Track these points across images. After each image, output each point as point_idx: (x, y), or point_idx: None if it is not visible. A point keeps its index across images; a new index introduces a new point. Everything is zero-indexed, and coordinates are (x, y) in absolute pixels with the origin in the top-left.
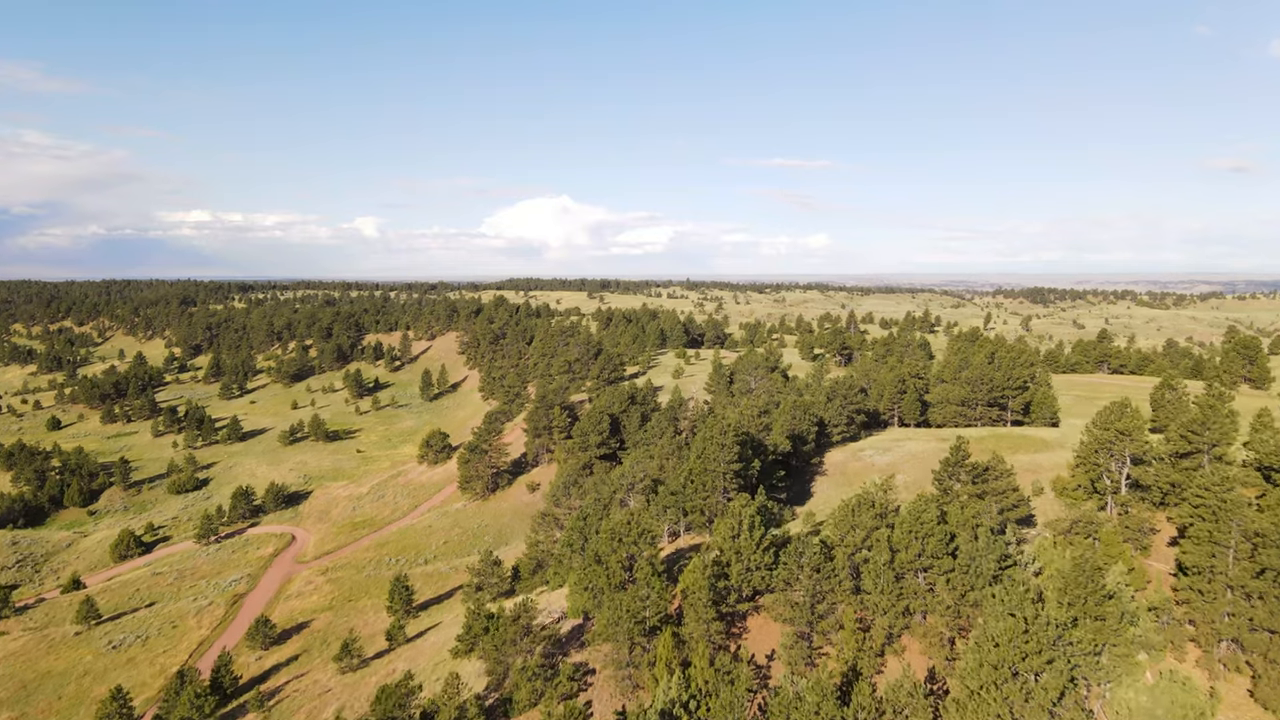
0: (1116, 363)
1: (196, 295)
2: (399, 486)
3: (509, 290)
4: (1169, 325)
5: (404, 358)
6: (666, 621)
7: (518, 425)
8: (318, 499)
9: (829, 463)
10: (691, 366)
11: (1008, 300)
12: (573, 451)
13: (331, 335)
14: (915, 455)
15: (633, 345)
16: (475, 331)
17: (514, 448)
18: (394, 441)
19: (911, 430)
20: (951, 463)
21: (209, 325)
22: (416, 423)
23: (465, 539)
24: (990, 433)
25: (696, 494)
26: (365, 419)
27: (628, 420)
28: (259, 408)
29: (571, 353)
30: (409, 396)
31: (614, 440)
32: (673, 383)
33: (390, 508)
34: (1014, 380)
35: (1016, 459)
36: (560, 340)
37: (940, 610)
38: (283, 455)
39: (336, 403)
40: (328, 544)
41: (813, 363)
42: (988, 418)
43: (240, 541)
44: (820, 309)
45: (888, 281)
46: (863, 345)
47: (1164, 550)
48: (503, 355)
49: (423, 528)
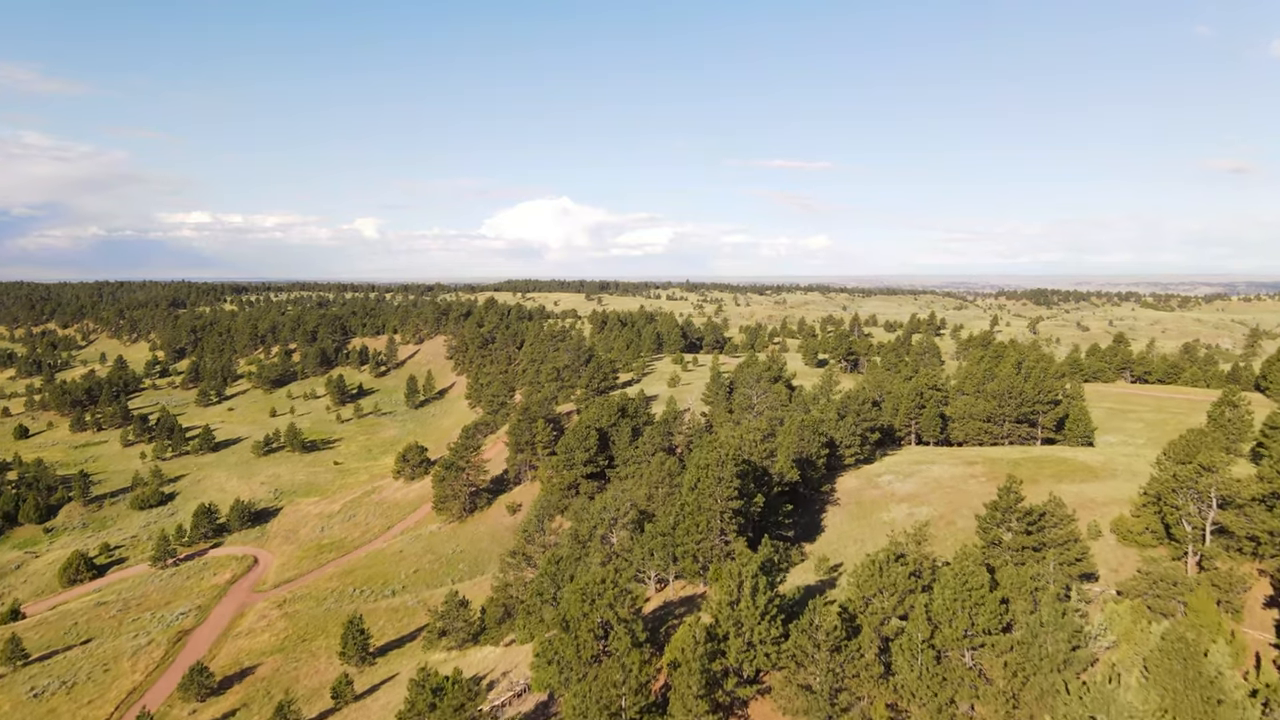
0: (1140, 369)
1: (187, 297)
2: (372, 505)
3: (506, 292)
4: (1174, 327)
5: (390, 362)
6: (649, 711)
7: (501, 438)
8: (287, 517)
9: (841, 490)
10: (688, 373)
11: (1010, 302)
12: (557, 470)
13: (316, 339)
14: (941, 483)
15: (626, 351)
16: (463, 335)
17: (495, 463)
18: (374, 452)
19: (932, 450)
20: (1001, 508)
21: (194, 328)
22: (399, 432)
23: (438, 567)
24: (1023, 454)
25: (689, 536)
26: (346, 428)
27: (617, 435)
28: (237, 415)
29: (561, 358)
30: (393, 404)
31: (602, 458)
32: (668, 392)
33: (361, 529)
34: (1045, 393)
35: (1062, 490)
36: (550, 345)
37: (995, 701)
38: (255, 467)
39: (317, 410)
40: (290, 569)
41: (817, 369)
42: (1016, 435)
43: (198, 565)
44: (821, 311)
45: (888, 283)
46: (869, 350)
47: (1259, 613)
48: (491, 360)
49: (393, 553)
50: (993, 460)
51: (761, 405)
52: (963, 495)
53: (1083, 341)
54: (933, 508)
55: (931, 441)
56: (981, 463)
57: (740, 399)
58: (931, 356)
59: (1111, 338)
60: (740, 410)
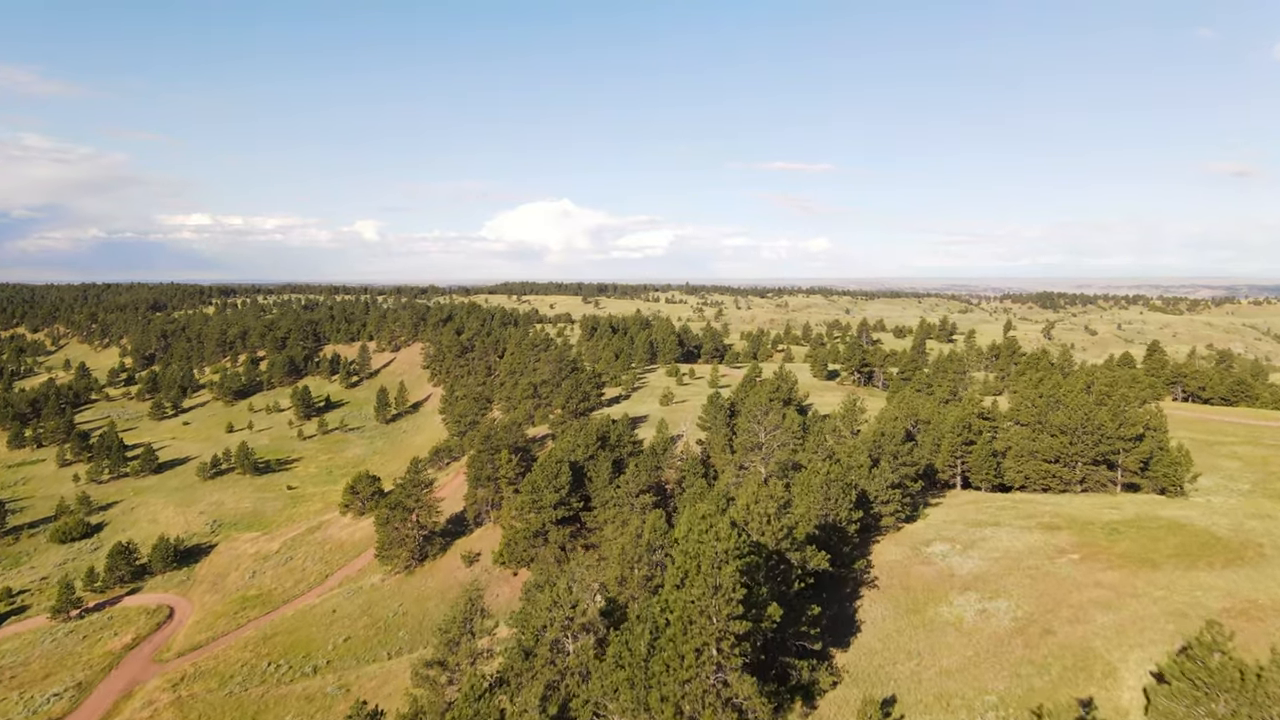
0: (1193, 385)
1: (170, 299)
2: (314, 545)
3: (502, 294)
4: (1184, 331)
5: (363, 372)
6: None
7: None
8: (220, 556)
9: (881, 565)
10: (684, 387)
11: (1016, 305)
12: (521, 512)
13: (285, 346)
14: (1017, 559)
15: (615, 363)
16: (440, 343)
17: (456, 498)
18: (334, 475)
19: (988, 501)
20: (1207, 683)
21: (164, 333)
22: (365, 450)
23: (373, 634)
24: (1114, 513)
25: (670, 674)
26: (307, 445)
27: (595, 470)
28: (191, 430)
29: (541, 371)
30: (362, 418)
31: (576, 498)
32: (659, 412)
33: (296, 576)
34: (1129, 426)
35: (1201, 582)
36: (532, 355)
37: None
38: (198, 493)
39: (279, 425)
40: (204, 629)
41: (827, 382)
42: (1092, 479)
43: (103, 619)
44: (824, 314)
45: (889, 285)
46: (884, 360)
47: None
48: (469, 371)
49: (324, 612)
50: (1079, 524)
51: (771, 443)
52: (1055, 584)
53: (1091, 346)
54: (1014, 602)
55: (983, 486)
56: (1065, 526)
57: (745, 434)
58: (953, 367)
59: (1121, 342)
60: (744, 450)
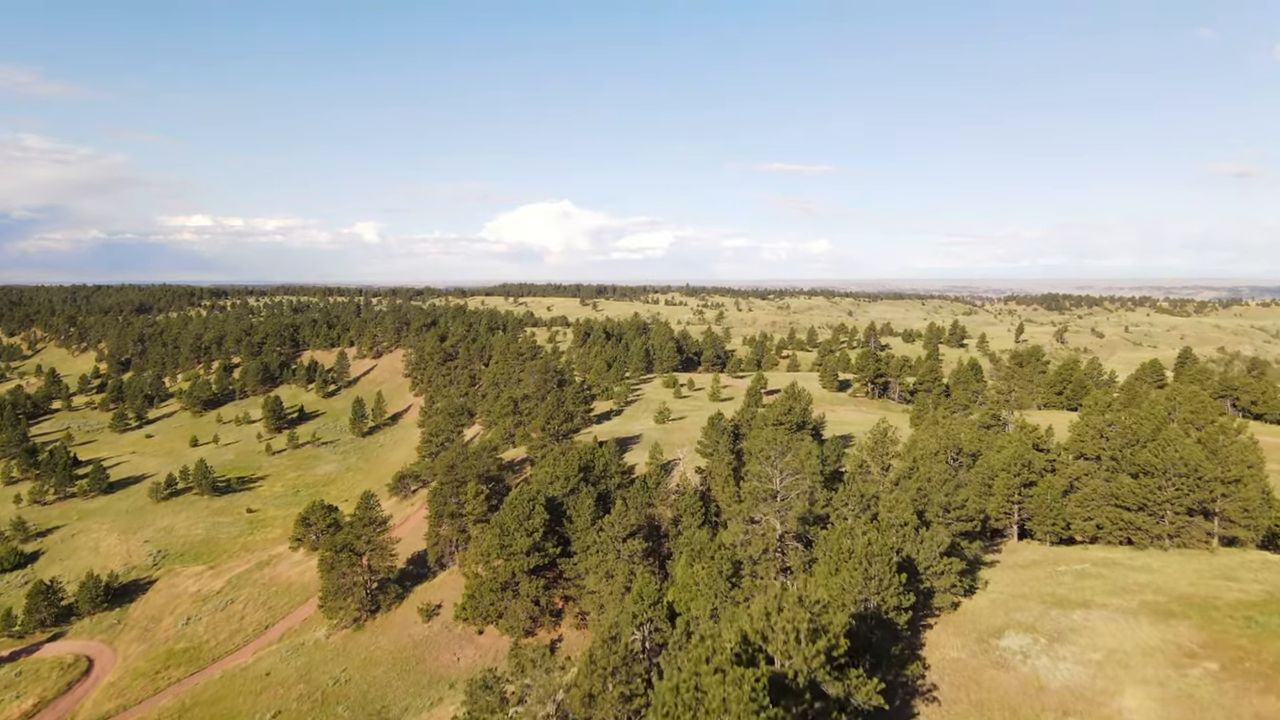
0: (1245, 399)
1: (157, 302)
2: (259, 586)
3: (499, 296)
4: (1192, 333)
5: (341, 380)
6: None
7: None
8: (158, 595)
9: (939, 666)
10: (683, 401)
11: (1020, 307)
12: (487, 558)
13: (260, 352)
14: (1128, 666)
15: (607, 373)
16: (423, 349)
17: (417, 535)
18: (301, 495)
19: (1060, 560)
20: None
21: (141, 337)
22: (338, 467)
23: (309, 709)
24: (1237, 592)
25: None
26: (276, 461)
27: (576, 508)
28: (154, 444)
29: (526, 384)
30: (337, 430)
31: (552, 542)
32: (654, 431)
33: (234, 624)
34: (1230, 467)
35: None
36: (517, 364)
37: None
38: (148, 517)
39: (248, 438)
40: (119, 693)
41: (839, 394)
42: (1186, 532)
43: (10, 675)
44: (826, 316)
45: (889, 286)
46: (900, 370)
47: None
48: (451, 381)
49: (256, 676)
50: (1197, 606)
51: (789, 489)
52: (1194, 709)
53: (1099, 349)
54: None
55: (1047, 539)
56: (1180, 611)
57: (755, 479)
58: (971, 376)
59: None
60: (754, 498)
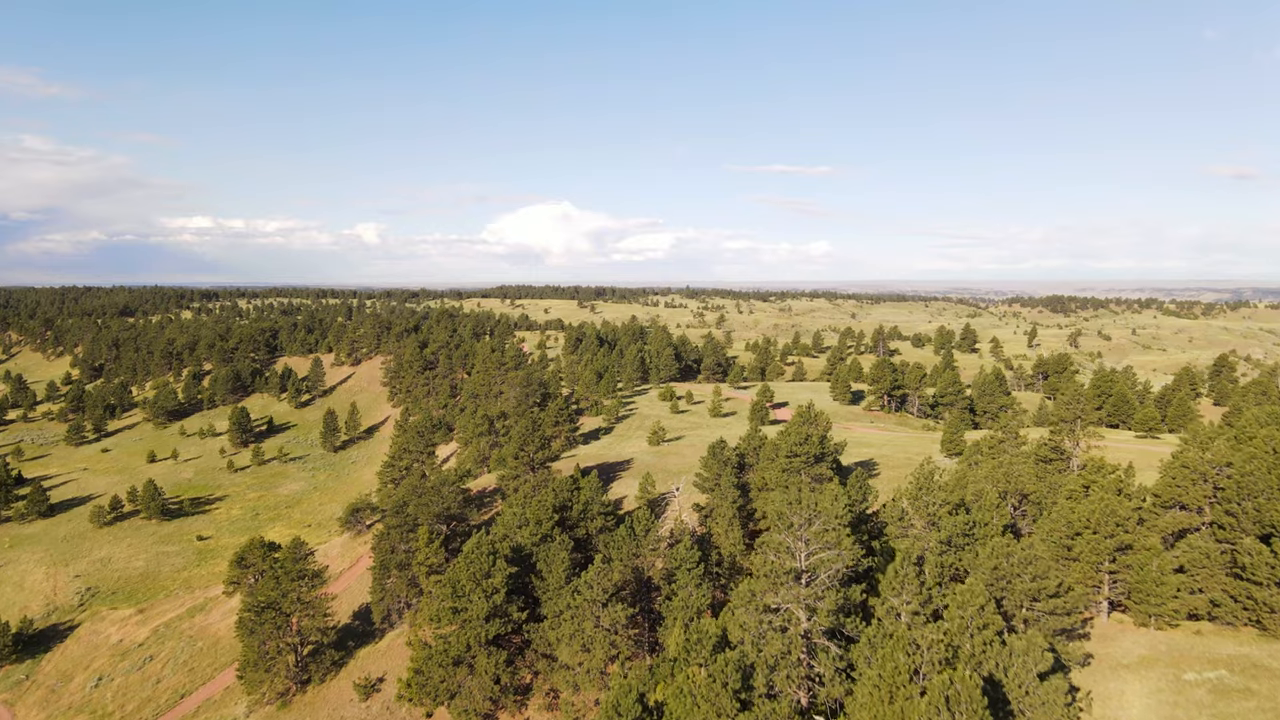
0: None
1: (144, 304)
2: (185, 639)
3: (496, 298)
4: (1201, 336)
5: (316, 389)
6: None
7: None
8: (78, 644)
9: None
10: (681, 418)
11: (1025, 309)
12: (439, 622)
13: (232, 358)
14: None
15: (597, 385)
16: (401, 356)
17: (362, 586)
18: (261, 519)
19: (1183, 659)
20: None
21: (116, 341)
22: (305, 485)
23: None
24: None
25: None
26: (238, 480)
27: (548, 561)
28: (109, 459)
29: (506, 398)
30: (308, 444)
31: (517, 606)
32: (647, 455)
33: (146, 691)
34: None
35: None
36: (499, 374)
37: None
38: (86, 545)
39: (210, 453)
40: None
41: (851, 407)
42: None
43: None
44: (829, 319)
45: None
46: (919, 381)
47: None
48: (430, 392)
49: None
50: None
51: (817, 564)
52: None
53: (1108, 352)
54: None
55: (1149, 623)
56: None
57: (775, 551)
58: (996, 387)
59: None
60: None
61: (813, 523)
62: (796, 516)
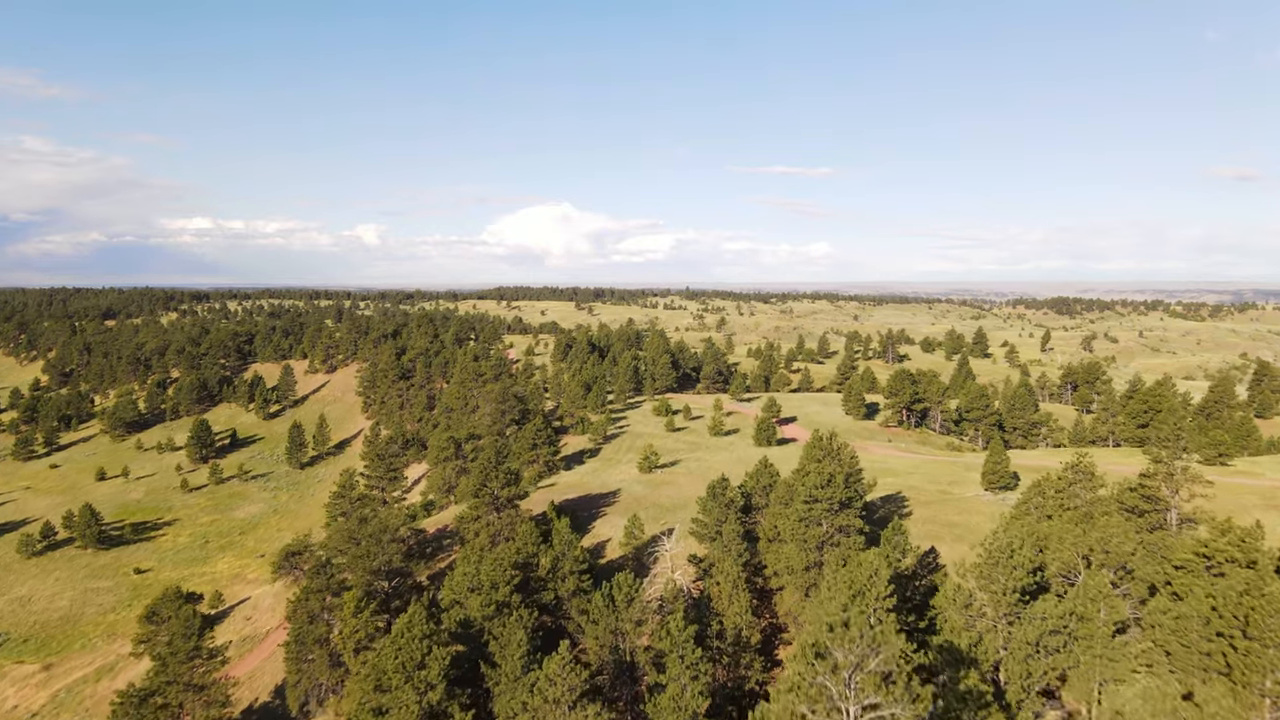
0: None
1: (129, 305)
2: (83, 710)
3: (493, 299)
4: (1209, 338)
5: (287, 399)
6: None
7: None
8: None
9: None
10: (676, 436)
11: (1029, 311)
12: (367, 702)
13: (199, 365)
14: None
15: (585, 399)
16: (377, 364)
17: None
18: (210, 546)
19: None
20: None
21: (87, 346)
22: (264, 508)
23: None
24: None
25: None
26: (192, 501)
27: (502, 640)
28: (56, 477)
29: (481, 417)
30: (272, 461)
31: (462, 698)
32: (637, 485)
33: None
34: None
35: None
36: (476, 386)
37: None
38: (8, 580)
39: (166, 470)
40: None
41: (866, 422)
42: None
43: None
44: (831, 321)
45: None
46: (941, 394)
47: None
48: (405, 403)
49: None
50: None
51: (870, 700)
52: None
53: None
54: None
55: None
56: None
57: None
58: (1028, 400)
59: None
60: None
61: (863, 636)
62: (843, 652)
